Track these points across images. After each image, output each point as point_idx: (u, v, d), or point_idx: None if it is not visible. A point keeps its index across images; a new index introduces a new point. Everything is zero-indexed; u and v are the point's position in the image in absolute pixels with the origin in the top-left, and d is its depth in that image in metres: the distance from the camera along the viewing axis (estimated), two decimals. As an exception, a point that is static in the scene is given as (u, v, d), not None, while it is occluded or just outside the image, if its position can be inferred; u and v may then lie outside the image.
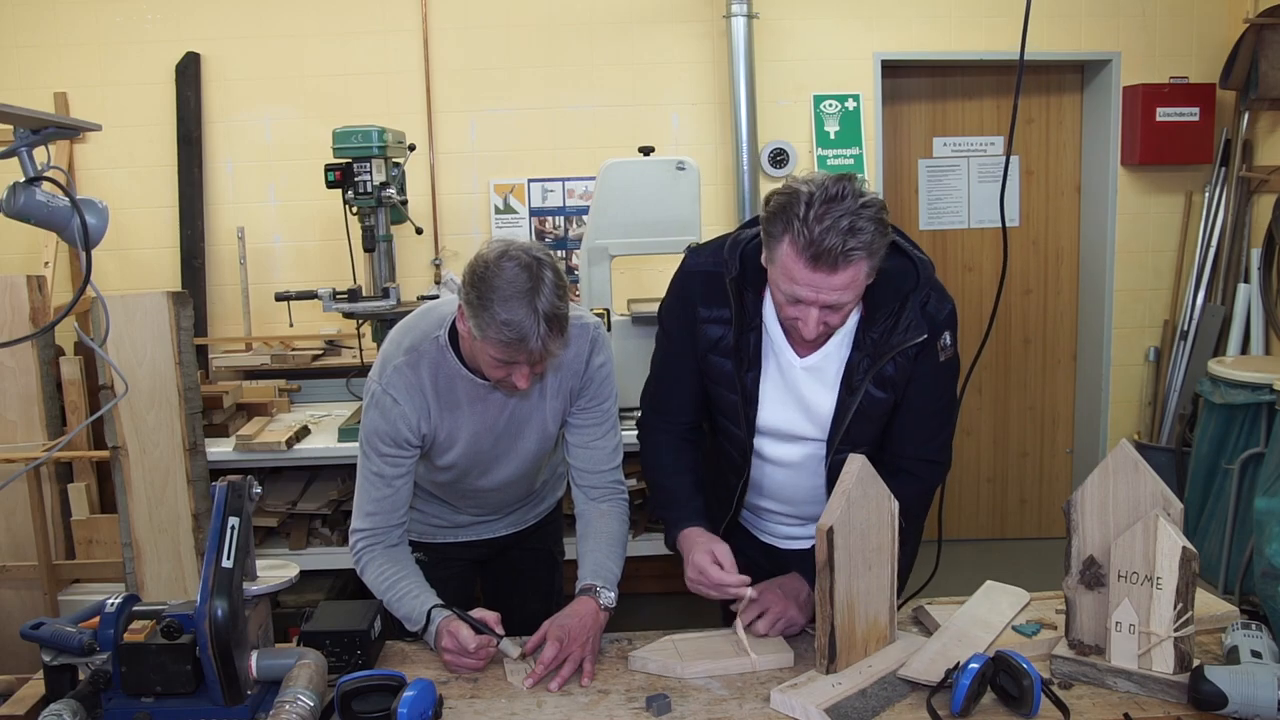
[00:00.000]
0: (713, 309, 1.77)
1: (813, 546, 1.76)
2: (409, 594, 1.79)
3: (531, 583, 2.26)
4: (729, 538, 1.93)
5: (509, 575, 2.26)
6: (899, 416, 1.78)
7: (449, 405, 1.84)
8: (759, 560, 2.00)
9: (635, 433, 2.00)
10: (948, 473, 1.89)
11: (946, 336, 1.72)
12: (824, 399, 1.76)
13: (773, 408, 1.79)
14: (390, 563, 1.84)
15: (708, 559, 1.74)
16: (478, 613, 1.75)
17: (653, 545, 3.40)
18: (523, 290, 1.60)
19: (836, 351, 1.74)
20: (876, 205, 1.53)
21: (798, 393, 1.78)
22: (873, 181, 4.19)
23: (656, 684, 1.66)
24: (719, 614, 2.03)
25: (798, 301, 1.58)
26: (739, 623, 1.74)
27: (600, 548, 1.90)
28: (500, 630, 1.74)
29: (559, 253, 4.16)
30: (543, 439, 1.94)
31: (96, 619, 1.53)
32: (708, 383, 1.84)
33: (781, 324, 1.74)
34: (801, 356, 1.76)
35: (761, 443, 1.84)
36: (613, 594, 1.83)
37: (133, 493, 2.94)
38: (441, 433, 1.85)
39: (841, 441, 1.76)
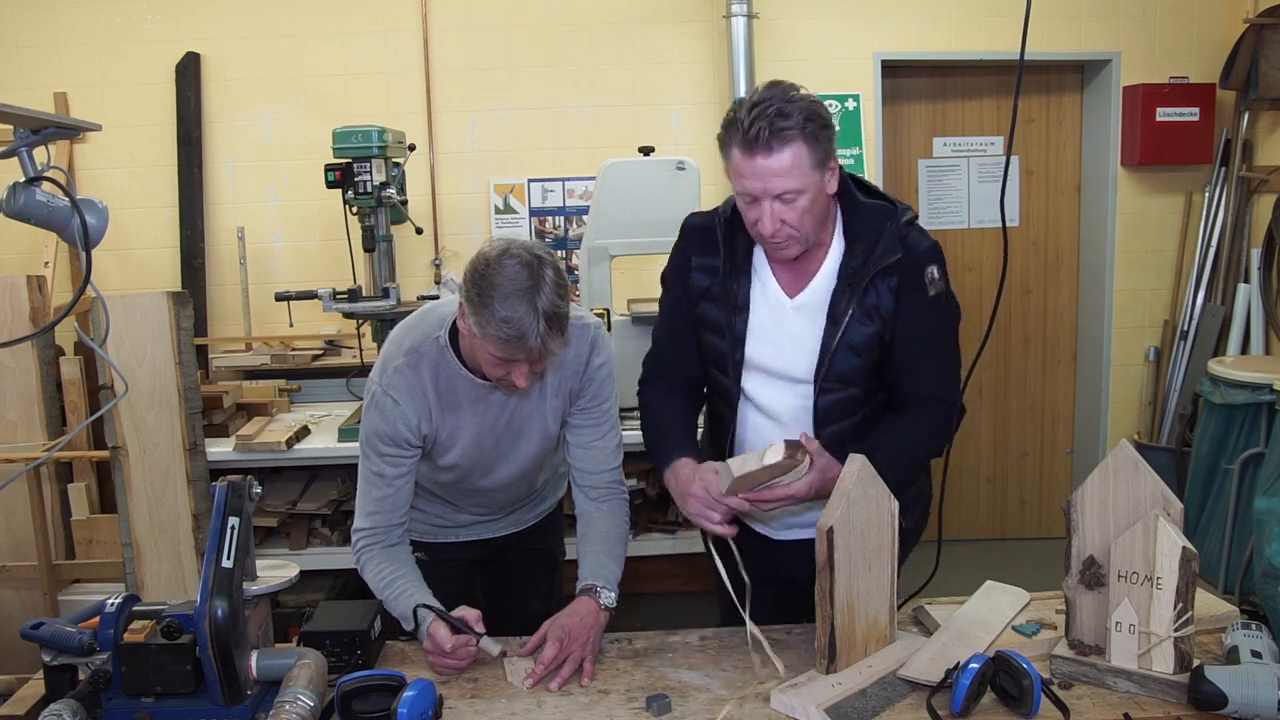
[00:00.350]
0: (705, 257, 1.83)
1: (810, 541, 1.76)
2: (404, 593, 1.79)
3: (532, 583, 2.26)
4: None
5: (509, 575, 2.25)
6: (895, 355, 1.77)
7: (449, 406, 1.84)
8: (754, 553, 1.98)
9: (635, 434, 2.00)
10: (960, 416, 1.85)
11: (933, 270, 1.74)
12: (812, 334, 1.77)
13: (760, 346, 1.80)
14: (389, 561, 1.84)
15: (700, 488, 1.72)
16: (459, 611, 1.74)
17: (652, 545, 3.40)
18: (523, 288, 1.60)
19: (824, 286, 1.76)
20: (809, 99, 1.63)
21: (788, 332, 1.79)
22: (872, 181, 4.18)
23: (657, 684, 1.66)
24: (717, 615, 2.03)
25: (752, 200, 1.65)
26: (753, 629, 1.69)
27: (600, 548, 1.90)
28: (480, 628, 1.73)
29: (559, 253, 4.16)
30: (544, 439, 1.94)
31: (96, 619, 1.53)
32: (701, 333, 1.86)
33: (766, 256, 1.78)
34: (791, 297, 1.78)
35: (750, 384, 1.83)
36: (613, 594, 1.83)
37: (133, 493, 2.94)
38: (443, 433, 1.85)
39: (827, 378, 1.76)
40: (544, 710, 1.59)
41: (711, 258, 1.82)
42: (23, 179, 1.61)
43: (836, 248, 1.77)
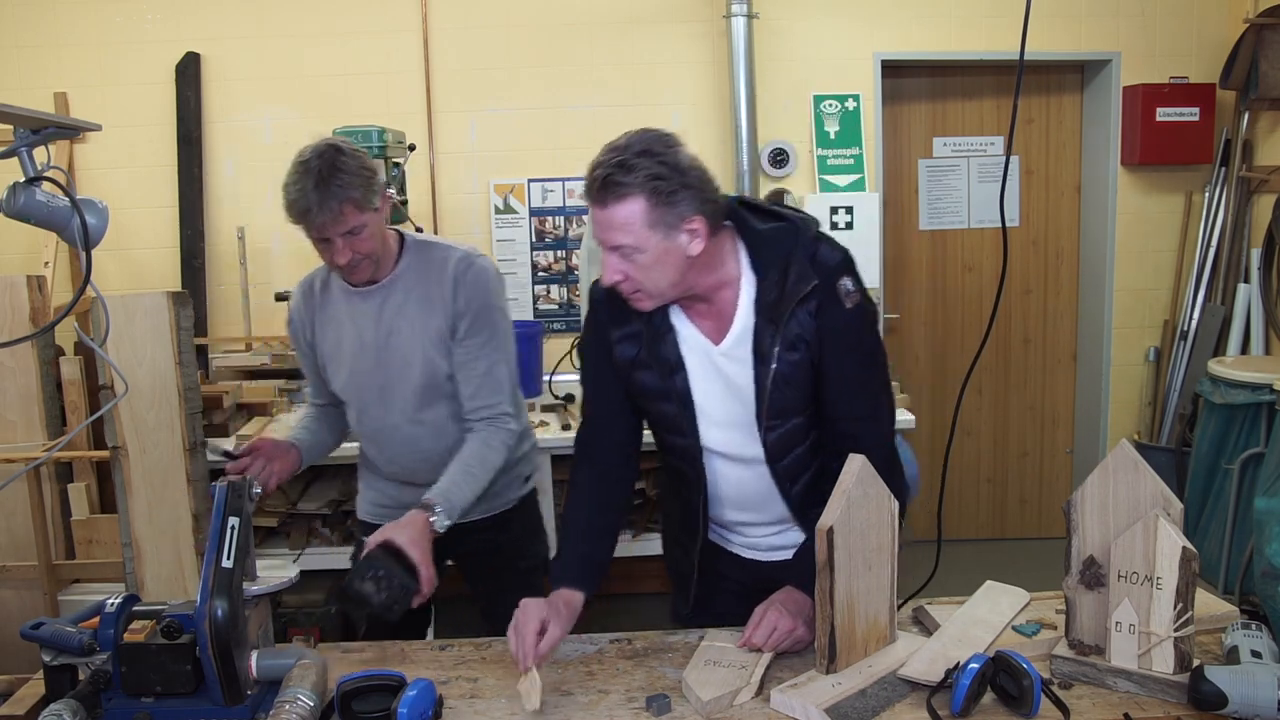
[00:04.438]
0: (622, 327, 1.76)
1: (795, 558, 1.76)
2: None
3: (516, 589, 2.24)
4: (706, 560, 1.89)
5: (493, 575, 2.27)
6: (823, 379, 1.72)
7: (330, 314, 2.12)
8: (741, 578, 1.92)
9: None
10: (891, 432, 1.80)
11: (847, 282, 1.68)
12: (744, 375, 1.73)
13: (707, 400, 1.76)
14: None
15: (531, 626, 1.62)
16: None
17: (653, 545, 3.40)
18: (300, 171, 1.92)
19: (746, 325, 1.71)
20: (670, 160, 1.59)
21: (724, 380, 1.74)
22: (872, 182, 4.19)
23: (656, 684, 1.66)
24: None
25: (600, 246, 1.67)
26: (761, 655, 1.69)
27: (456, 470, 1.93)
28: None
29: (559, 252, 4.16)
30: (426, 367, 2.04)
31: (96, 619, 1.53)
32: (643, 403, 1.80)
33: (681, 308, 1.76)
34: (716, 344, 1.73)
35: (709, 441, 1.79)
36: (448, 521, 1.82)
37: (133, 493, 2.92)
38: (327, 343, 2.12)
39: (770, 415, 1.72)
40: (544, 710, 1.59)
41: (629, 325, 1.76)
42: (23, 179, 1.61)
43: (748, 284, 1.71)
